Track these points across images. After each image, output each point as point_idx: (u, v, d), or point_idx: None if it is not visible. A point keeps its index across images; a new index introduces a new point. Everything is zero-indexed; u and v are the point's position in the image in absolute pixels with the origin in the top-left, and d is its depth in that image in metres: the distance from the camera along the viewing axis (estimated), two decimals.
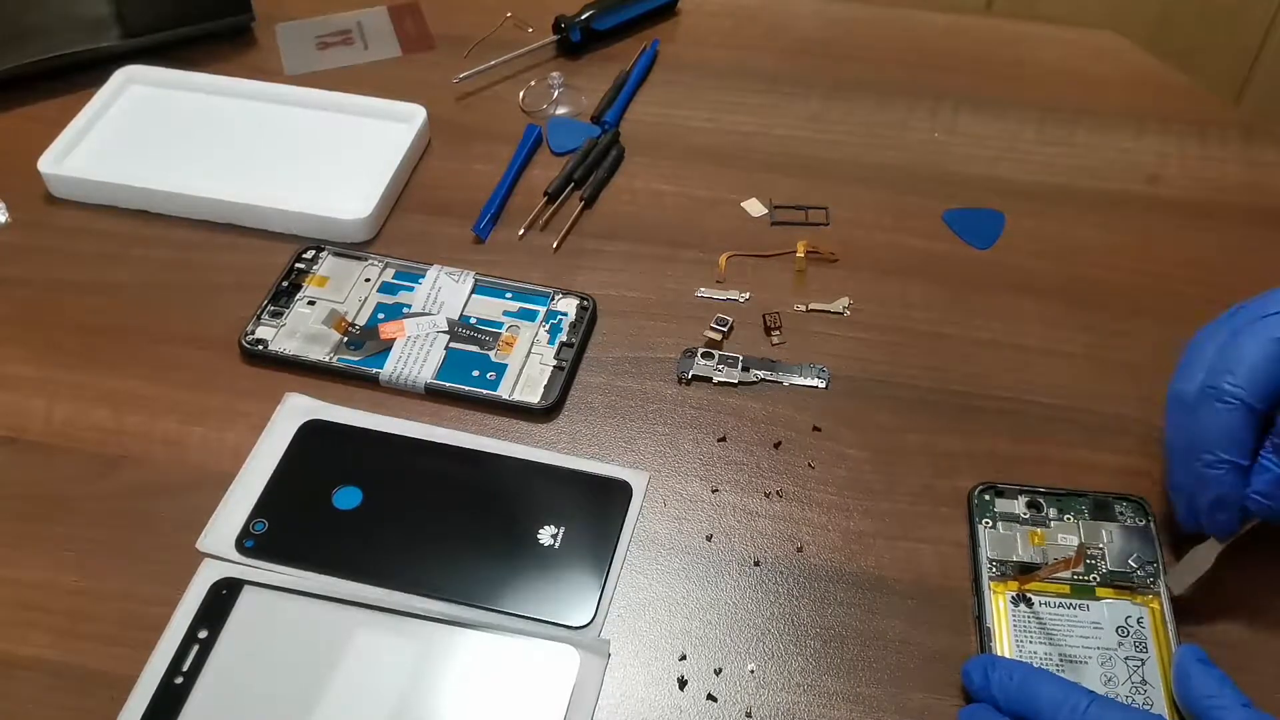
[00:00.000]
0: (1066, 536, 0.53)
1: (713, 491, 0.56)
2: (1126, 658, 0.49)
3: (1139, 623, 0.50)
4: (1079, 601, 0.51)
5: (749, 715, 0.48)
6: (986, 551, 0.52)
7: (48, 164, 0.68)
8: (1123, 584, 0.51)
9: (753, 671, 0.50)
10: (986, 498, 0.54)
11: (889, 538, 0.54)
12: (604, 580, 0.52)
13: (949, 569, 0.53)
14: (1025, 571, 0.51)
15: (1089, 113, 0.77)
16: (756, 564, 0.53)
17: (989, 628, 0.50)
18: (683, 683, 0.49)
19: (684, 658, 0.50)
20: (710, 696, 0.49)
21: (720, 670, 0.50)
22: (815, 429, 0.58)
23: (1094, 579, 0.51)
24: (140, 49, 0.77)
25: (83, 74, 0.75)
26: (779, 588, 0.52)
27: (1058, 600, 0.51)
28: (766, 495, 0.56)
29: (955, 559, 0.53)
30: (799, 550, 0.54)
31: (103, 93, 0.73)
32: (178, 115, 0.73)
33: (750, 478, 0.56)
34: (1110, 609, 0.50)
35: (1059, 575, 0.51)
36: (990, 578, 0.51)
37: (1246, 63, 1.56)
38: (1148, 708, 0.47)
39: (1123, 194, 0.71)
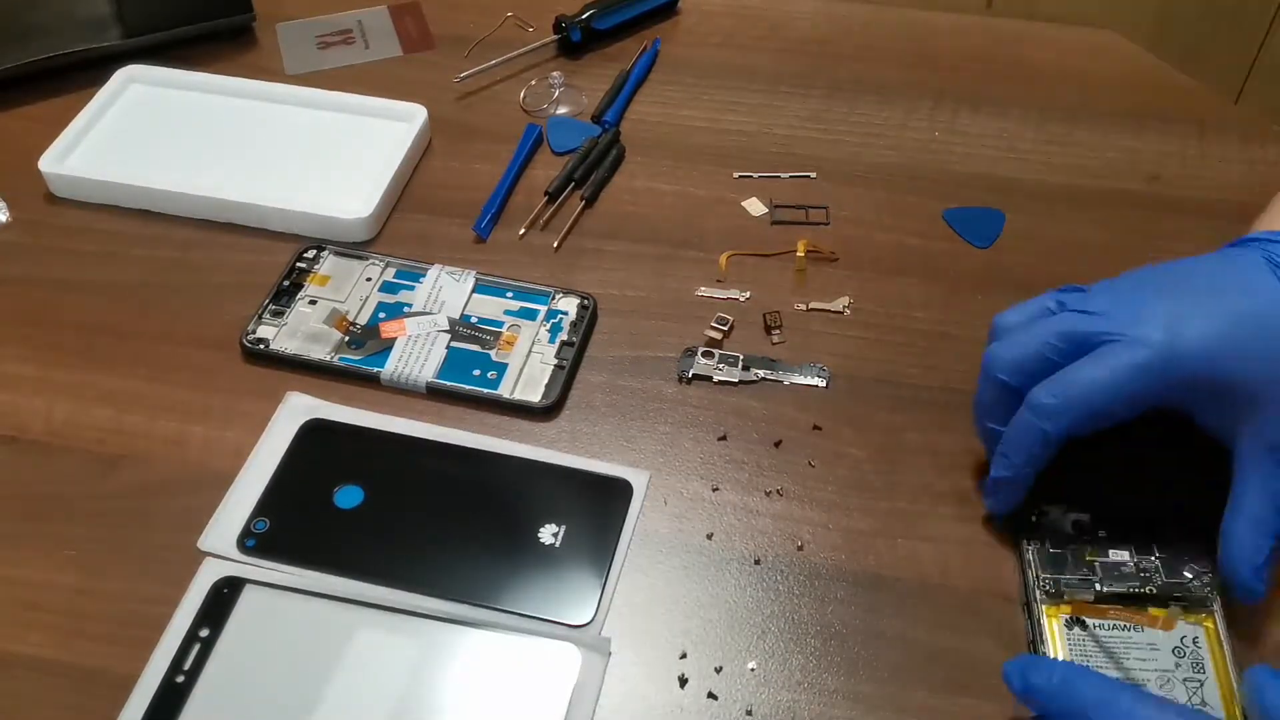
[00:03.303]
0: (1118, 552, 0.52)
1: (713, 490, 0.56)
2: (1185, 679, 0.48)
3: (1195, 643, 0.49)
4: (1133, 622, 0.50)
5: (749, 713, 0.48)
6: (1039, 570, 0.51)
7: (48, 163, 0.68)
8: (1179, 595, 0.51)
9: (753, 670, 0.50)
10: (1033, 519, 0.53)
11: (889, 536, 0.54)
12: (605, 579, 0.52)
13: (949, 568, 0.53)
14: (1078, 588, 0.51)
15: (1089, 112, 0.77)
16: (757, 562, 0.53)
17: (1044, 652, 0.49)
18: (683, 681, 0.49)
19: (685, 656, 0.50)
20: (711, 695, 0.49)
21: (721, 668, 0.50)
22: (816, 428, 0.58)
23: (1150, 590, 0.51)
24: (141, 48, 0.77)
25: (83, 74, 0.75)
26: (779, 586, 0.52)
27: (1112, 622, 0.50)
28: (767, 494, 0.56)
29: (955, 558, 0.53)
30: (799, 549, 0.54)
31: (103, 92, 0.73)
32: (178, 115, 0.73)
33: (751, 476, 0.56)
34: (1161, 631, 0.50)
35: (1113, 589, 0.51)
36: (1043, 599, 0.50)
37: (1246, 62, 1.56)
38: None
39: (1123, 193, 0.71)
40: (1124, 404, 0.49)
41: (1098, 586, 0.51)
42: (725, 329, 0.62)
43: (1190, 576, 0.51)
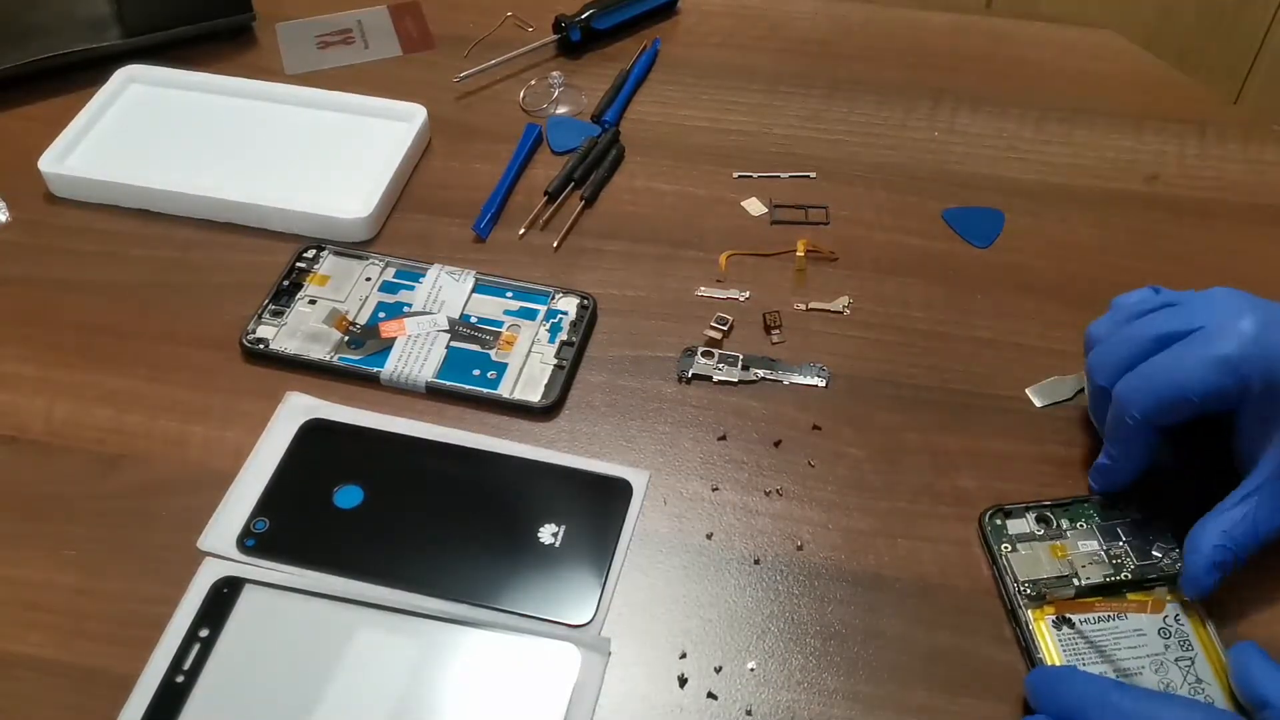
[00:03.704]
0: (1085, 543, 0.53)
1: (713, 490, 0.56)
2: (1176, 659, 0.49)
3: (1177, 620, 0.50)
4: (1116, 611, 0.51)
5: (749, 713, 0.48)
6: (1016, 575, 0.51)
7: (48, 163, 0.68)
8: (1153, 575, 0.51)
9: (753, 669, 0.50)
10: (998, 521, 0.54)
11: (889, 536, 0.54)
12: (604, 578, 0.52)
13: (948, 567, 0.53)
14: (1057, 586, 0.51)
15: (1088, 111, 0.77)
16: (756, 562, 0.53)
17: (1040, 658, 0.49)
18: (683, 681, 0.49)
19: (684, 656, 0.50)
20: (710, 694, 0.49)
21: (720, 668, 0.50)
22: (815, 427, 0.58)
23: (1126, 575, 0.51)
24: (140, 48, 0.77)
25: (83, 73, 0.75)
26: (779, 586, 0.52)
27: (1096, 615, 0.50)
28: (766, 494, 0.56)
29: (954, 557, 0.53)
30: (799, 548, 0.54)
31: (103, 92, 0.73)
32: (178, 115, 0.73)
33: (750, 476, 0.56)
34: (1149, 615, 0.50)
35: (1091, 580, 0.51)
36: (1026, 604, 0.51)
37: (1246, 62, 1.56)
38: (1210, 703, 0.48)
39: (1122, 192, 0.71)
40: (1200, 395, 0.49)
41: (1077, 581, 0.51)
42: (725, 329, 0.62)
43: (1160, 555, 0.52)
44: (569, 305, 0.63)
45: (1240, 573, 0.50)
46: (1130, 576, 0.51)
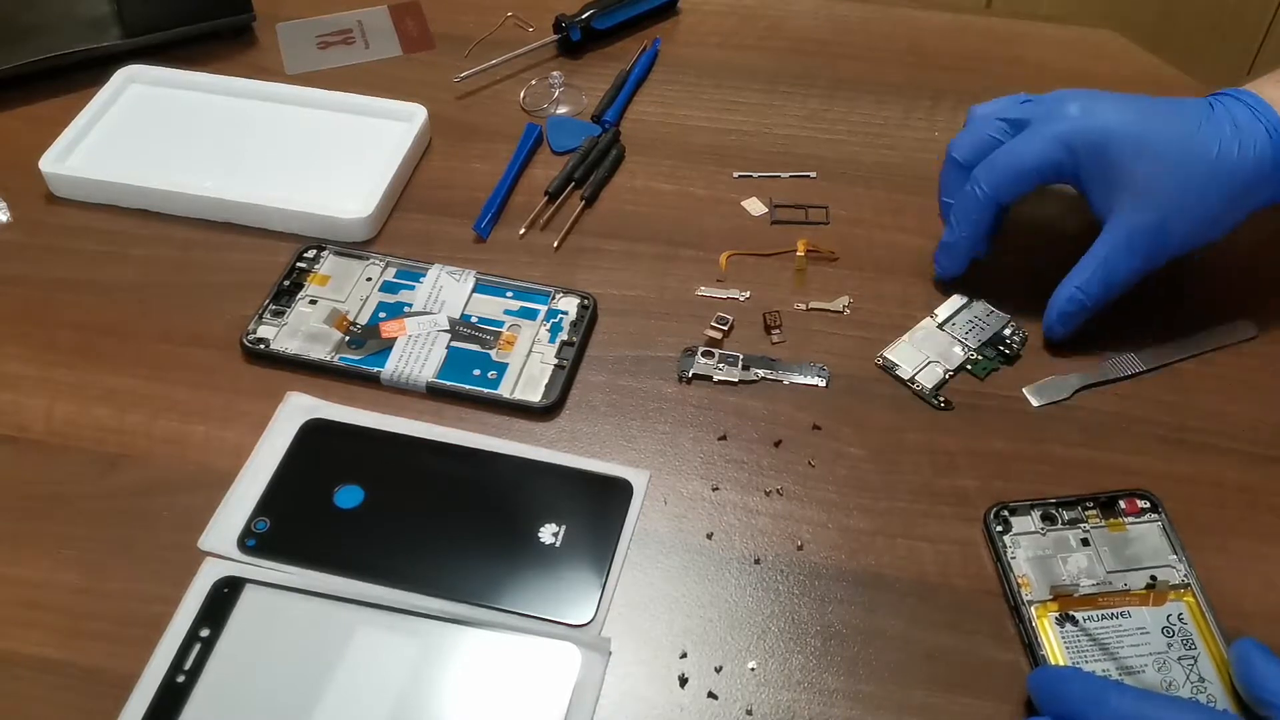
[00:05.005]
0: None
1: (713, 490, 0.56)
2: (1179, 658, 0.49)
3: (1180, 619, 0.50)
4: (1120, 609, 0.51)
5: (749, 713, 0.48)
6: (1035, 575, 0.52)
7: (49, 163, 0.68)
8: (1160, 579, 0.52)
9: (753, 669, 0.50)
10: (1005, 514, 0.54)
11: (889, 536, 0.54)
12: (605, 578, 0.52)
13: (948, 567, 0.53)
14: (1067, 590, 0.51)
15: None
16: (757, 562, 0.53)
17: (1043, 655, 0.49)
18: (683, 680, 0.49)
19: (685, 655, 0.50)
20: (711, 694, 0.49)
21: (721, 668, 0.50)
22: (815, 427, 0.58)
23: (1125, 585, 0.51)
24: (141, 48, 0.77)
25: (83, 73, 0.75)
26: (779, 586, 0.52)
27: (1100, 613, 0.50)
28: (767, 493, 0.56)
29: (955, 557, 0.53)
30: (799, 548, 0.54)
31: (103, 92, 0.73)
32: (178, 114, 0.73)
33: (750, 476, 0.56)
34: (1152, 613, 0.50)
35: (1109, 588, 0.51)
36: (1031, 600, 0.51)
37: (1246, 63, 1.56)
38: (1211, 703, 0.48)
39: None
40: (1037, 169, 0.59)
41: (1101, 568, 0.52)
42: (725, 329, 0.62)
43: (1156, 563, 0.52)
44: (569, 305, 0.63)
45: (1246, 563, 0.50)
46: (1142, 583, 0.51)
